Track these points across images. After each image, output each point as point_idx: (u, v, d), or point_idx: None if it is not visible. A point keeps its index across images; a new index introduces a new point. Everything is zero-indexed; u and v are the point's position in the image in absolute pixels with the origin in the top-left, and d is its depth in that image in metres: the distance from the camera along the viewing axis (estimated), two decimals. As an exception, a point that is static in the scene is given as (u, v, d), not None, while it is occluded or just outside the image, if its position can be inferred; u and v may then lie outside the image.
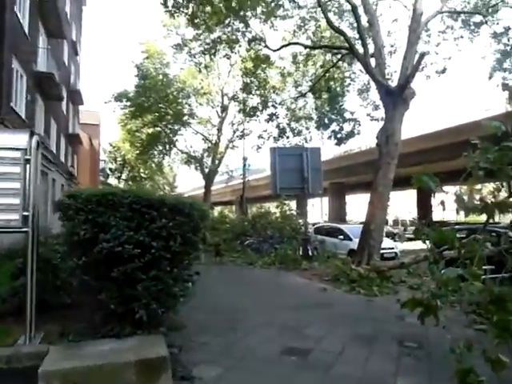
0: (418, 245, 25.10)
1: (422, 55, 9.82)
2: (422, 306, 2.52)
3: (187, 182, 65.66)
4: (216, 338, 4.96)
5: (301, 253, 13.49)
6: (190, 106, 29.61)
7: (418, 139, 24.04)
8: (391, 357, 4.32)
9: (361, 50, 12.52)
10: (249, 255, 14.52)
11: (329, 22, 12.33)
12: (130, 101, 28.17)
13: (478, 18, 14.83)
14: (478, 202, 2.29)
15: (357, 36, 14.56)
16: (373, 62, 11.78)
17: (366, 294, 7.92)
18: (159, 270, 3.86)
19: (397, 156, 11.03)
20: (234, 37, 14.37)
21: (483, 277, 2.17)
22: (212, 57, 19.72)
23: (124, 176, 54.33)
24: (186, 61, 27.67)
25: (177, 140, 32.15)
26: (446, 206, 2.62)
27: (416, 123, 23.38)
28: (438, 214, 40.09)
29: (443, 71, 15.46)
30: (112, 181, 57.71)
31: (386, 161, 10.90)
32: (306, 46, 15.15)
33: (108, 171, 57.20)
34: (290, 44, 14.95)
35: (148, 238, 3.79)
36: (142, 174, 52.02)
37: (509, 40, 14.21)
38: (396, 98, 10.75)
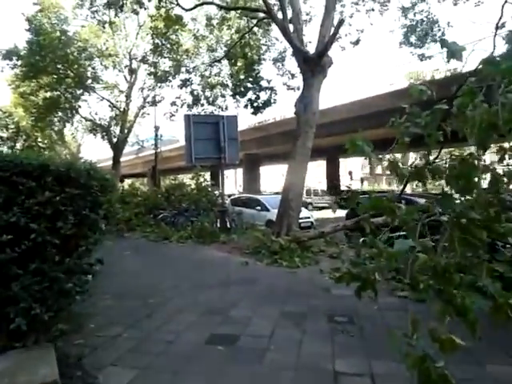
0: (329, 214, 26.37)
1: (341, 21, 9.63)
2: (359, 280, 2.33)
3: (94, 153, 61.02)
4: (128, 329, 4.29)
5: (218, 225, 13.05)
6: (93, 68, 26.71)
7: (330, 111, 24.69)
8: (324, 336, 4.06)
9: (279, 14, 12.04)
10: (163, 230, 13.68)
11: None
12: (21, 59, 24.48)
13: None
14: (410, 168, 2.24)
15: (273, 1, 14.06)
16: (291, 28, 11.38)
17: (288, 266, 7.73)
18: (43, 260, 2.91)
19: (315, 125, 10.91)
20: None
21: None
22: (118, 13, 17.78)
23: (19, 146, 48.45)
24: (88, 17, 24.72)
25: (79, 106, 29.04)
26: (352, 175, 2.74)
27: (330, 94, 23.89)
28: (344, 184, 42.62)
29: (357, 42, 15.68)
30: (5, 151, 51.34)
31: (305, 130, 10.73)
32: (220, 7, 14.20)
33: (-1, 140, 50.61)
34: (203, 4, 13.86)
35: (25, 219, 2.80)
36: (41, 144, 46.77)
37: (415, 15, 14.80)
38: (314, 65, 10.51)
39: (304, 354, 3.63)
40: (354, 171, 55.00)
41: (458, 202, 2.34)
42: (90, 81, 26.70)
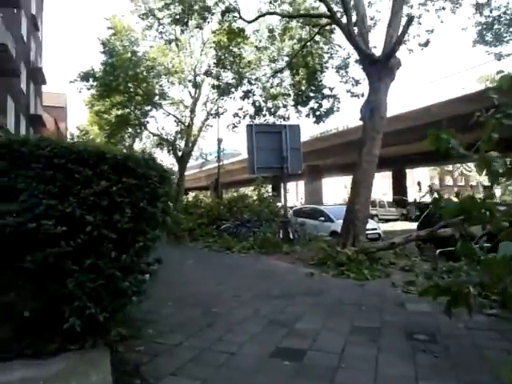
0: (396, 226, 25.04)
1: (411, 19, 9.05)
2: (449, 294, 2.05)
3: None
4: (188, 338, 4.11)
5: (281, 236, 12.76)
6: (161, 86, 28.08)
7: (395, 118, 23.57)
8: (404, 355, 3.58)
9: (343, 19, 11.70)
10: (225, 240, 13.68)
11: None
12: (96, 80, 26.42)
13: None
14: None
15: (336, 8, 13.73)
16: (355, 32, 10.98)
17: (356, 278, 7.23)
18: (99, 256, 2.69)
19: (382, 130, 10.34)
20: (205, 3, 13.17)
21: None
22: (183, 31, 18.44)
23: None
24: (156, 38, 26.22)
25: (147, 122, 30.64)
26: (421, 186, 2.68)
27: (395, 101, 22.80)
28: (411, 196, 40.45)
29: (426, 44, 14.80)
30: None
31: (371, 135, 10.19)
32: (282, 16, 14.15)
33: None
34: (265, 14, 13.90)
35: (80, 210, 2.59)
36: (113, 160, 50.06)
37: (491, 11, 13.67)
38: (381, 68, 9.99)
39: (382, 373, 3.19)
40: (422, 182, 52.14)
41: None
42: (157, 97, 28.07)
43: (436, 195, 2.34)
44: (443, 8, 14.49)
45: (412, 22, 9.32)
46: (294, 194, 66.53)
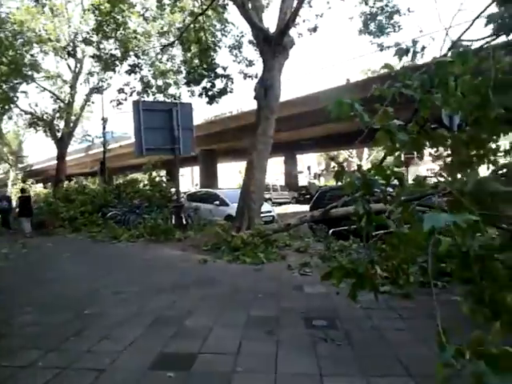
0: (289, 209, 25.86)
1: (304, -5, 8.88)
2: (354, 276, 1.90)
3: (40, 151, 56.94)
4: (46, 354, 3.21)
5: (173, 222, 11.94)
6: (32, 55, 24.40)
7: (287, 104, 24.07)
8: (305, 347, 3.20)
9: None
10: (111, 228, 12.38)
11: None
12: None
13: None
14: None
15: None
16: (249, 6, 10.49)
17: (252, 263, 6.85)
18: None
19: (277, 110, 10.12)
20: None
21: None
22: None
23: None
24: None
25: (17, 98, 26.55)
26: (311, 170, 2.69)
27: (287, 87, 23.22)
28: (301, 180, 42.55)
29: (315, 29, 14.99)
30: None
31: (265, 115, 9.89)
32: (172, -18, 13.04)
33: None
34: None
35: None
36: (-24, 141, 43.01)
37: (375, 2, 14.36)
38: (275, 45, 9.69)
39: (282, 375, 2.74)
40: (311, 167, 55.29)
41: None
42: (28, 69, 24.39)
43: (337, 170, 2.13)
44: (332, -6, 14.84)
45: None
46: (190, 180, 65.32)
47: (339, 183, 2.05)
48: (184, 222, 12.03)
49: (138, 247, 9.61)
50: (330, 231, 7.49)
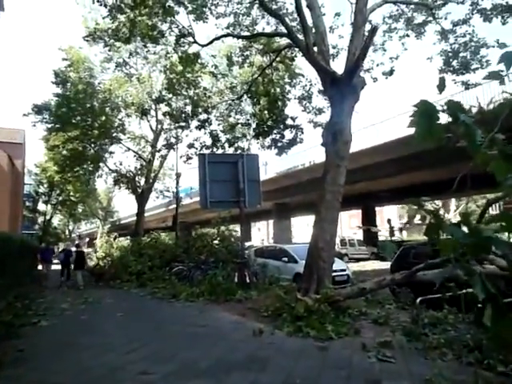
0: (368, 266, 23.70)
1: (374, 29, 8.00)
2: None
3: (128, 206, 60.99)
4: None
5: (236, 280, 11.02)
6: (120, 119, 26.55)
7: (361, 153, 22.76)
8: None
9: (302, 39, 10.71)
10: (174, 285, 11.81)
11: (263, 4, 10.37)
12: (50, 113, 24.67)
13: (423, 17, 13.80)
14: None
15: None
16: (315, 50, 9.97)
17: (317, 337, 5.57)
18: None
19: (347, 156, 9.08)
20: (155, 20, 11.92)
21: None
22: (145, 63, 16.93)
23: (53, 200, 49.13)
24: (116, 71, 25.01)
25: (106, 158, 28.75)
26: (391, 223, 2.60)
27: (359, 134, 21.99)
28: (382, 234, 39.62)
29: (390, 73, 14.08)
30: (41, 206, 52.07)
31: (335, 163, 8.89)
32: (239, 37, 13.12)
33: (35, 195, 51.58)
34: (221, 36, 12.85)
35: None
36: (73, 198, 47.22)
37: (456, 39, 13.14)
38: (344, 86, 8.87)
39: None
40: (392, 221, 51.81)
41: None
42: (116, 132, 26.45)
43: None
44: (407, 35, 13.96)
45: (375, 33, 8.30)
46: (265, 234, 64.78)
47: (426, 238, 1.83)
48: (248, 280, 11.05)
49: (194, 308, 8.75)
50: (418, 300, 5.98)
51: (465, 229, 2.31)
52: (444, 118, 1.86)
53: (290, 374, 4.13)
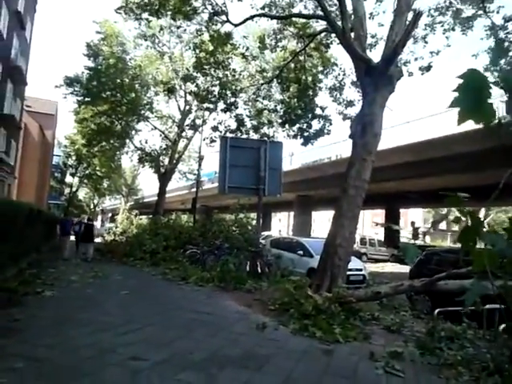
0: (386, 268, 23.02)
1: (419, 14, 7.37)
2: None
3: (152, 186, 61.79)
4: None
5: (247, 269, 10.74)
6: (149, 97, 26.53)
7: (391, 151, 21.87)
8: None
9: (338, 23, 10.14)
10: (185, 268, 11.64)
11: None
12: (81, 86, 24.89)
13: (470, 11, 12.90)
14: None
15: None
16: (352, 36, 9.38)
17: (322, 339, 5.21)
18: None
19: (375, 151, 8.56)
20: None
21: None
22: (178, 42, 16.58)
23: (80, 173, 50.12)
24: (149, 48, 24.94)
25: (132, 136, 28.90)
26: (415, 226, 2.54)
27: (390, 131, 21.12)
28: (404, 236, 38.54)
29: (428, 68, 13.27)
30: (69, 178, 53.21)
31: (362, 156, 8.39)
32: (274, 17, 12.63)
33: (63, 167, 52.71)
34: (254, 16, 12.38)
35: None
36: (98, 173, 47.97)
37: (507, 36, 12.21)
38: (379, 75, 8.31)
39: None
40: (416, 224, 50.43)
41: None
42: (144, 109, 26.47)
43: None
44: (453, 29, 13.09)
45: (419, 18, 7.67)
46: (286, 226, 64.33)
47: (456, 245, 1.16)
48: (260, 270, 10.75)
49: (201, 293, 8.52)
50: (436, 311, 5.52)
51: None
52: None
53: (287, 376, 3.80)
